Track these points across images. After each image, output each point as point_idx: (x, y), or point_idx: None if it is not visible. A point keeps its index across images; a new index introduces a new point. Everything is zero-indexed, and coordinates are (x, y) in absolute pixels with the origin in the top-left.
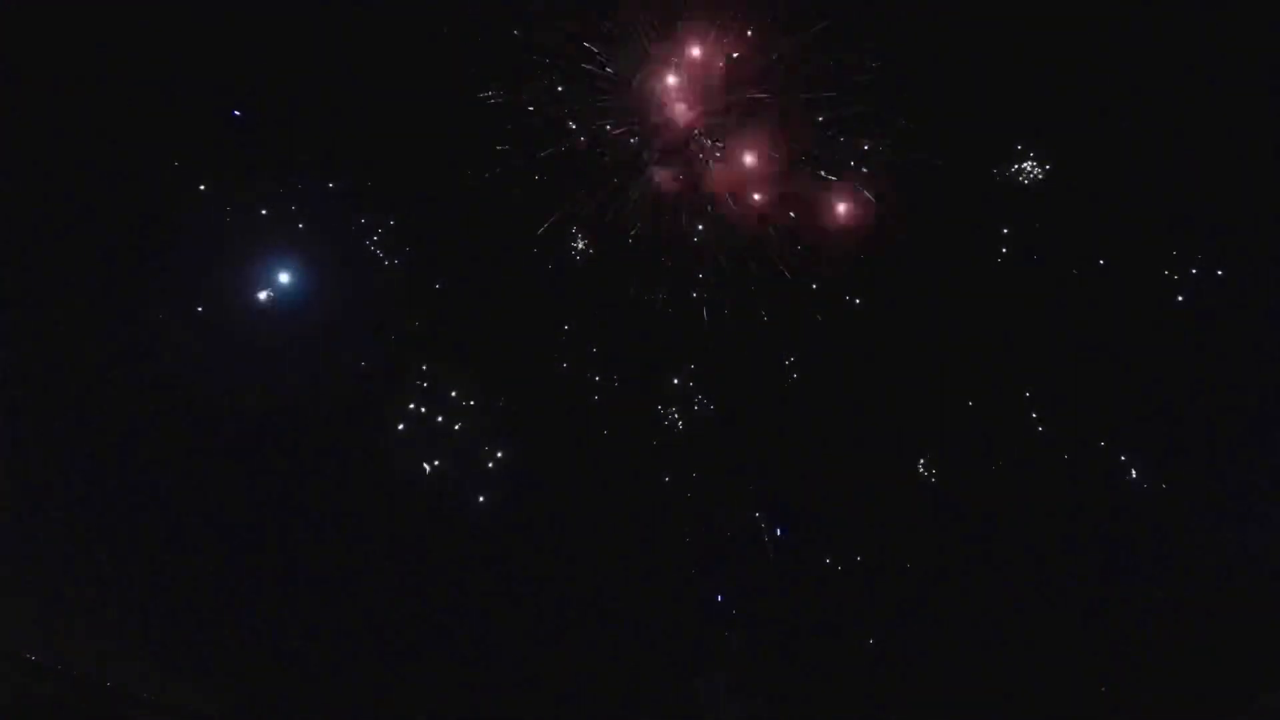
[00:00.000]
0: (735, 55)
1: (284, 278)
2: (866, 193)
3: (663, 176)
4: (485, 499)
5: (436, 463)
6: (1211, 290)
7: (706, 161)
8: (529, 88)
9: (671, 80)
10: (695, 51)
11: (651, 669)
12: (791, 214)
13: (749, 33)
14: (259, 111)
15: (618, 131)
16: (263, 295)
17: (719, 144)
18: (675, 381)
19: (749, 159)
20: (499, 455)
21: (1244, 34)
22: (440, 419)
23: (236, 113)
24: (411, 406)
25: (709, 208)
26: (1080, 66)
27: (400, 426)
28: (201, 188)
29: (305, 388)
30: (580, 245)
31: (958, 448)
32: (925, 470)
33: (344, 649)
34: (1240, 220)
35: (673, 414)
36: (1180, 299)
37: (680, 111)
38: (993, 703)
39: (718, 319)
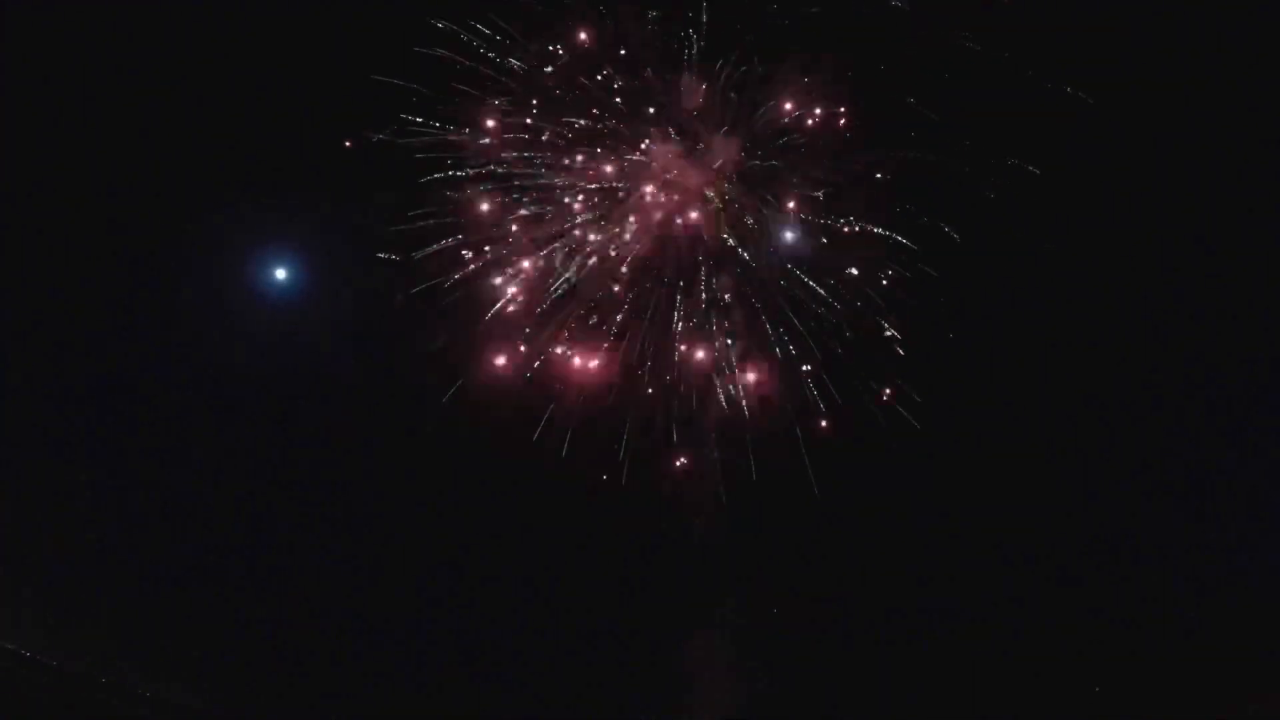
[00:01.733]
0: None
1: (281, 275)
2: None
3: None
4: (483, 498)
5: (434, 463)
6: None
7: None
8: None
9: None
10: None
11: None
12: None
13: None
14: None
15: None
16: (255, 296)
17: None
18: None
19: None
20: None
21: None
22: (438, 419)
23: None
24: (409, 408)
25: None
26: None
27: (398, 426)
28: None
29: (304, 388)
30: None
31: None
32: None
33: (342, 648)
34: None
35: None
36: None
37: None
38: (992, 701)
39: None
